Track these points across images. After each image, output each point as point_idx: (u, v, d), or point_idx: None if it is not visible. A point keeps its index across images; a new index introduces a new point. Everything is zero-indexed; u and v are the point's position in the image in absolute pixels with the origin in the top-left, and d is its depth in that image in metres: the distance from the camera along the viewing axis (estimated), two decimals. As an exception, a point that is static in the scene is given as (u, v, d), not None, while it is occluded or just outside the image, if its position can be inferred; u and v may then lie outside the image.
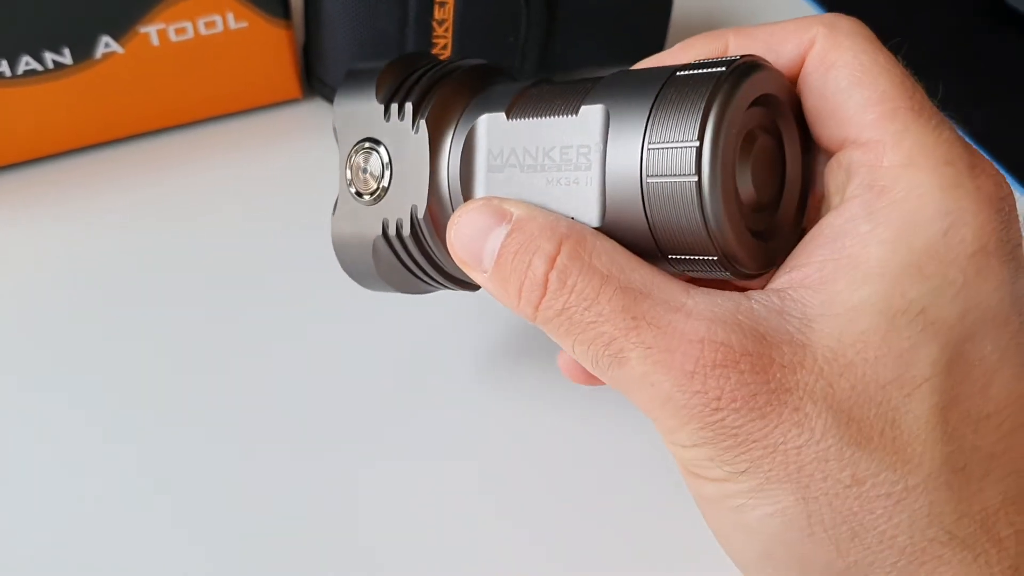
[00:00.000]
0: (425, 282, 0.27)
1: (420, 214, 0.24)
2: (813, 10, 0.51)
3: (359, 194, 0.25)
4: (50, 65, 0.37)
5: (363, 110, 0.25)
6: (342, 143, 0.26)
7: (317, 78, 0.42)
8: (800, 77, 0.22)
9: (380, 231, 0.25)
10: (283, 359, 0.33)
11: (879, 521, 0.18)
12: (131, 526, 0.28)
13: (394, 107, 0.25)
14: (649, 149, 0.20)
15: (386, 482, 0.30)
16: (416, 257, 0.25)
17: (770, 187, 0.22)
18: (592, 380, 0.28)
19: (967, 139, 0.44)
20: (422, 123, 0.24)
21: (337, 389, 0.32)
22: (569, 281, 0.20)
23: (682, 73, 0.21)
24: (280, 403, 0.32)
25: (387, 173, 0.25)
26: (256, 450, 0.30)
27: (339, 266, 0.27)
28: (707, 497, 0.20)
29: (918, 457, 0.18)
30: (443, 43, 0.40)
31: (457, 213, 0.23)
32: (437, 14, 0.39)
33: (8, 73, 0.36)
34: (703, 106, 0.19)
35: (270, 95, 0.42)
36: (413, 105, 0.24)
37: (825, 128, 0.22)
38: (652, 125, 0.20)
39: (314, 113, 0.43)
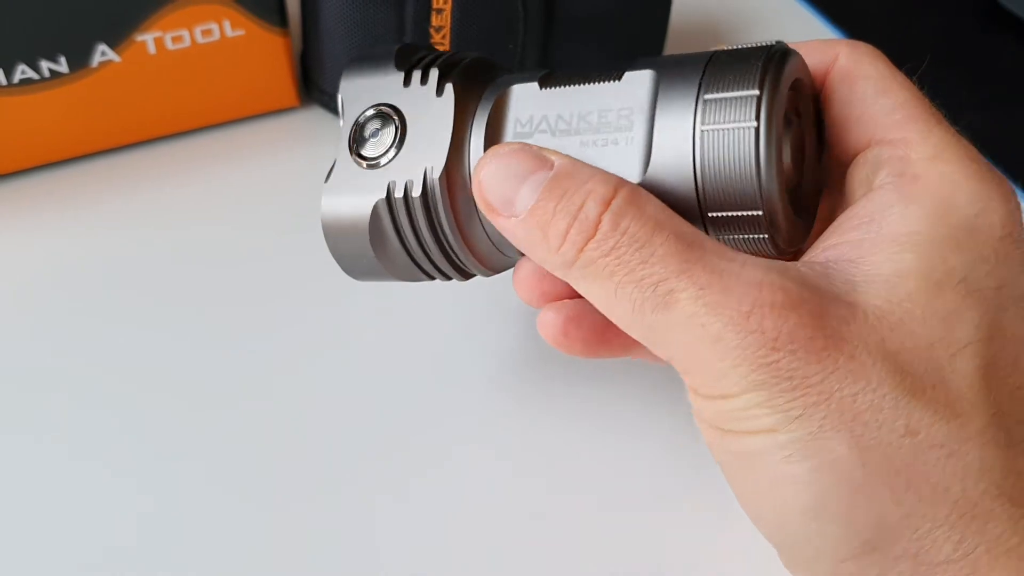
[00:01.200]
0: (419, 264, 0.25)
1: (435, 174, 0.23)
2: (813, 16, 0.51)
3: (363, 158, 0.24)
4: (46, 74, 0.36)
5: (378, 80, 0.24)
6: (348, 113, 0.25)
7: (315, 86, 0.42)
8: (824, 87, 0.23)
9: (384, 195, 0.24)
10: (282, 365, 0.33)
11: (932, 472, 0.18)
12: (133, 529, 0.28)
13: (416, 73, 0.24)
14: (705, 101, 0.21)
15: (404, 491, 0.30)
16: (419, 227, 0.24)
17: (797, 172, 0.23)
18: (590, 349, 0.27)
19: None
20: (448, 87, 0.23)
21: (338, 394, 0.32)
22: (623, 224, 0.20)
23: (727, 48, 0.22)
24: (282, 409, 0.32)
25: (399, 138, 0.24)
26: (257, 454, 0.30)
27: (340, 271, 0.27)
28: (747, 452, 0.19)
29: (967, 413, 0.19)
30: (441, 50, 0.40)
31: (489, 154, 0.22)
32: (434, 21, 0.39)
33: (4, 82, 0.36)
34: (761, 64, 0.20)
35: (267, 103, 0.42)
36: (440, 69, 0.24)
37: (850, 133, 0.23)
38: (707, 81, 0.21)
39: (312, 121, 0.43)
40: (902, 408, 0.18)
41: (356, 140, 0.24)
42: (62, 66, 0.37)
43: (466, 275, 0.26)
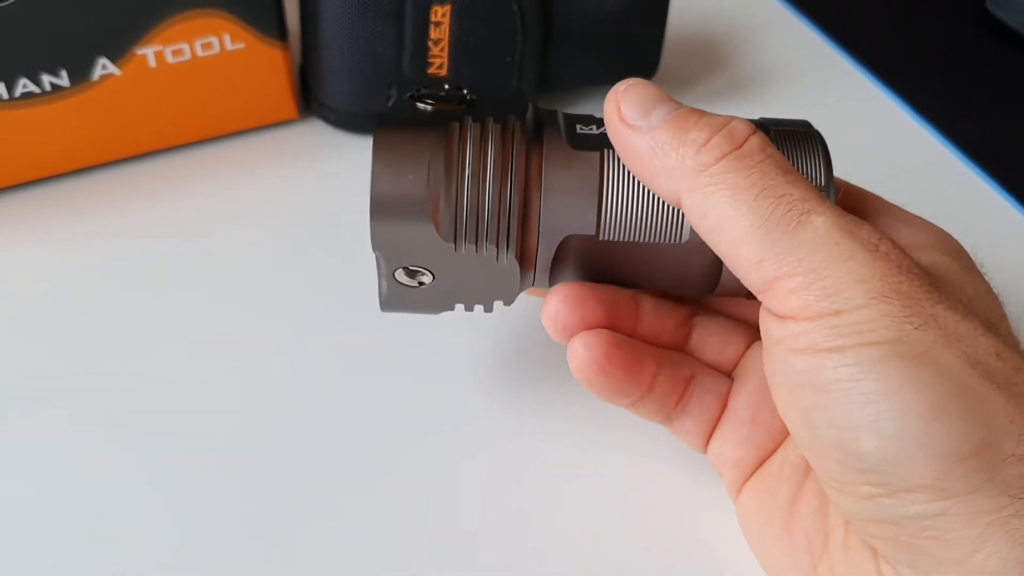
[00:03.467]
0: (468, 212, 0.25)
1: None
2: (808, 28, 0.52)
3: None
4: (47, 87, 0.37)
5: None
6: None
7: (314, 99, 0.43)
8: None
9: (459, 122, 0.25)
10: (281, 375, 0.33)
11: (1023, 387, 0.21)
12: (134, 535, 0.28)
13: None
14: None
15: (402, 498, 0.30)
16: (491, 162, 0.24)
17: None
18: (629, 375, 0.27)
19: (955, 152, 0.44)
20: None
21: (339, 401, 0.32)
22: (768, 149, 0.22)
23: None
24: (283, 415, 0.32)
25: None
26: (256, 461, 0.30)
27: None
28: (862, 362, 0.20)
29: None
30: (439, 63, 0.40)
31: (625, 82, 0.24)
32: (433, 34, 0.39)
33: (5, 96, 0.36)
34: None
35: (267, 116, 0.42)
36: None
37: None
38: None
39: (311, 134, 0.43)
40: (991, 338, 0.21)
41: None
42: (63, 80, 0.37)
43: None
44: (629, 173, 0.24)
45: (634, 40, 0.43)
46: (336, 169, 0.41)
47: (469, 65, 0.41)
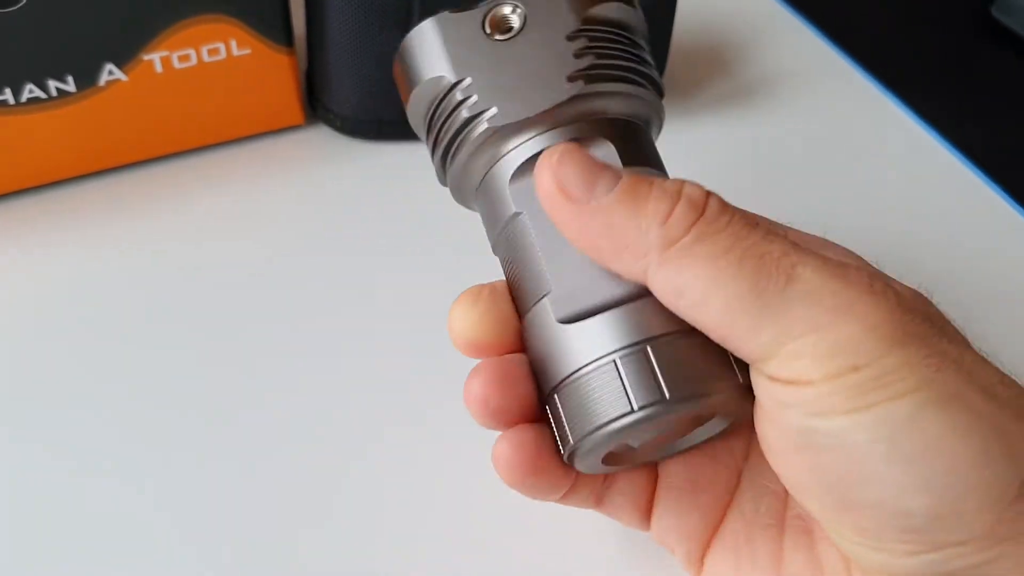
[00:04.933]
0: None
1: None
2: (811, 32, 0.52)
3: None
4: (54, 93, 0.37)
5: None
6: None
7: (320, 104, 0.43)
8: None
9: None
10: (287, 381, 0.33)
11: None
12: (142, 543, 0.28)
13: None
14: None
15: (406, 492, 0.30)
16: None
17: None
18: (556, 476, 0.24)
19: (959, 157, 0.44)
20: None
21: (345, 406, 0.32)
22: (729, 208, 0.21)
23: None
24: (287, 421, 0.32)
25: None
26: (257, 465, 0.30)
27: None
28: (891, 420, 0.19)
29: None
30: (445, 68, 0.40)
31: (558, 148, 0.22)
32: (439, 40, 0.39)
33: (12, 101, 0.36)
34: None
35: (273, 121, 0.42)
36: None
37: None
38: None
39: (317, 139, 0.43)
40: (989, 365, 0.20)
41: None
42: (69, 85, 0.37)
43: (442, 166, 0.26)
44: None
45: (640, 46, 0.43)
46: (342, 174, 0.41)
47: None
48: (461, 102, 0.24)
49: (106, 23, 0.36)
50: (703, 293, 0.20)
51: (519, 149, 0.24)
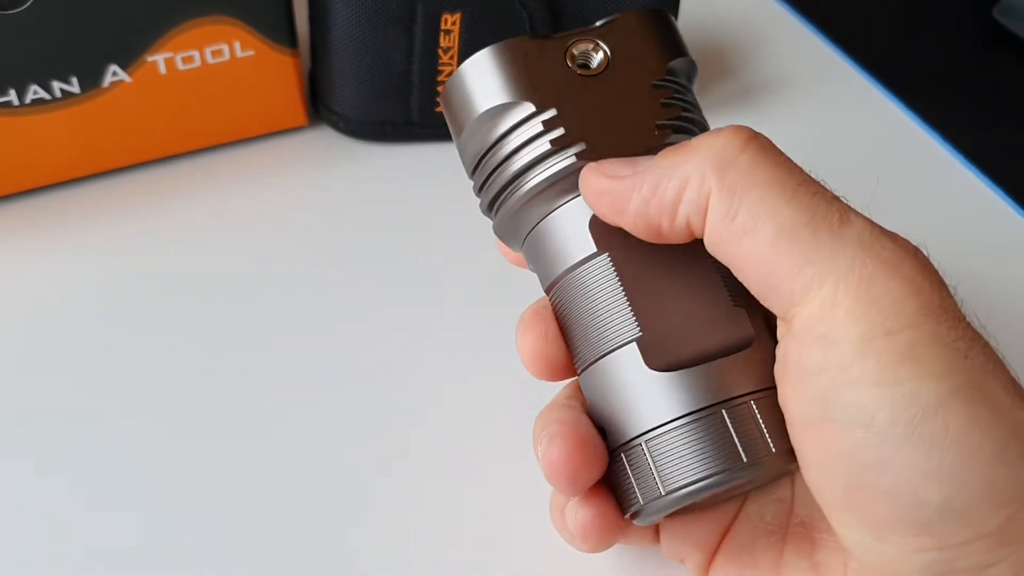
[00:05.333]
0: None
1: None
2: (815, 36, 0.52)
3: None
4: (58, 94, 0.37)
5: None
6: None
7: (324, 106, 0.43)
8: None
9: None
10: (288, 385, 0.33)
11: None
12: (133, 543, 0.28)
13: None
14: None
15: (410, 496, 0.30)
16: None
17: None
18: (559, 373, 0.25)
19: (962, 161, 0.44)
20: None
21: (346, 408, 0.32)
22: (778, 148, 0.21)
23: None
24: (288, 424, 0.32)
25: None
26: (258, 465, 0.30)
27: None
28: (929, 402, 0.18)
29: None
30: (449, 70, 0.40)
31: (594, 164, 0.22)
32: (443, 42, 0.39)
33: (16, 102, 0.36)
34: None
35: (277, 122, 0.42)
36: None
37: None
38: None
39: (320, 141, 0.43)
40: (1003, 364, 0.20)
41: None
42: (74, 86, 0.37)
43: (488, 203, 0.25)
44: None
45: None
46: (345, 176, 0.41)
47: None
48: (542, 132, 0.23)
49: (110, 25, 0.36)
50: (756, 218, 0.20)
51: None
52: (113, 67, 0.37)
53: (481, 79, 0.24)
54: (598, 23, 0.24)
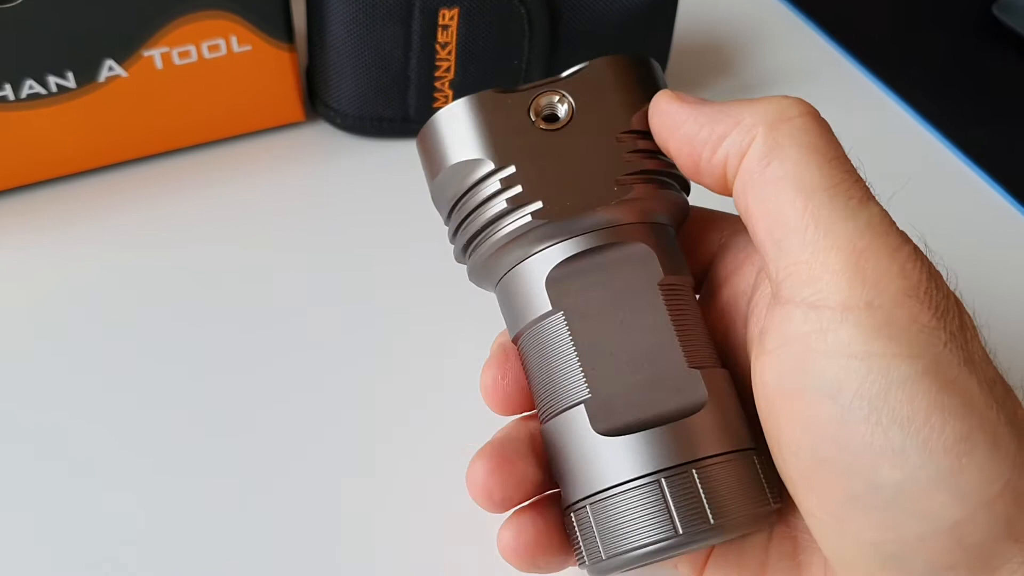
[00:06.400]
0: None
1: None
2: (815, 33, 0.52)
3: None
4: (54, 89, 0.37)
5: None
6: None
7: (320, 101, 0.42)
8: None
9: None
10: (286, 380, 0.33)
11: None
12: (133, 541, 0.28)
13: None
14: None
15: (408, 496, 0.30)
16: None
17: None
18: (517, 401, 0.25)
19: (961, 157, 0.44)
20: None
21: (343, 402, 0.32)
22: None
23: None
24: (288, 423, 0.32)
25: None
26: (259, 465, 0.30)
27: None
28: (898, 379, 0.19)
29: None
30: (446, 66, 0.40)
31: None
32: (440, 37, 0.39)
33: (11, 97, 0.36)
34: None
35: (273, 118, 0.42)
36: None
37: None
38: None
39: (317, 136, 0.43)
40: (991, 364, 0.20)
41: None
42: (70, 81, 0.37)
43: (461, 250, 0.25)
44: None
45: (641, 45, 0.43)
46: (341, 171, 0.41)
47: (476, 68, 0.40)
48: (501, 190, 0.23)
49: (106, 19, 0.36)
50: (786, 170, 0.21)
51: (557, 247, 0.23)
52: (109, 62, 0.37)
53: (449, 132, 0.24)
54: (567, 72, 0.24)
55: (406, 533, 0.29)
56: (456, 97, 0.39)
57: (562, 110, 0.23)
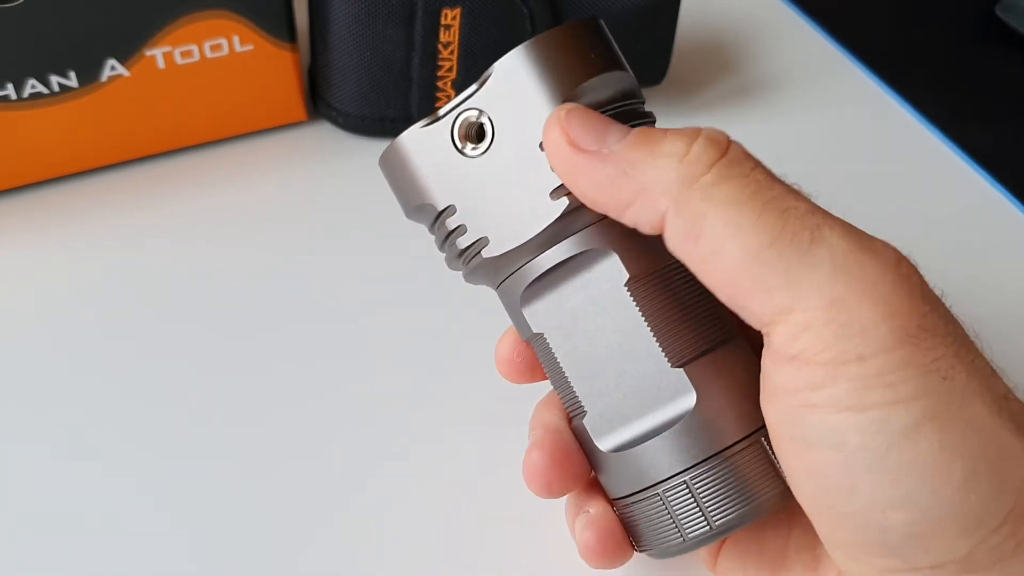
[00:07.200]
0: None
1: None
2: (816, 32, 0.52)
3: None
4: (56, 88, 0.37)
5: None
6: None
7: (322, 101, 0.42)
8: None
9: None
10: (288, 379, 0.33)
11: None
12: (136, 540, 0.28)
13: None
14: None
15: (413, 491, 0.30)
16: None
17: None
18: (530, 376, 0.26)
19: (963, 156, 0.44)
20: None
21: (347, 402, 0.32)
22: (752, 156, 0.19)
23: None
24: (288, 421, 0.32)
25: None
26: (260, 464, 0.30)
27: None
28: (899, 428, 0.18)
29: None
30: (448, 66, 0.40)
31: (561, 109, 0.21)
32: (443, 37, 0.39)
33: (14, 96, 0.36)
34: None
35: (276, 117, 0.42)
36: None
37: None
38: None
39: (319, 135, 0.43)
40: (997, 376, 0.19)
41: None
42: (72, 81, 0.37)
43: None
44: None
45: (644, 45, 0.43)
46: (343, 171, 0.41)
47: (478, 68, 0.40)
48: (453, 231, 0.23)
49: (108, 18, 0.36)
50: (721, 240, 0.19)
51: (521, 271, 0.23)
52: (111, 61, 0.37)
53: (392, 179, 0.24)
54: (482, 77, 0.22)
55: (407, 533, 0.29)
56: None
57: (485, 127, 0.22)
